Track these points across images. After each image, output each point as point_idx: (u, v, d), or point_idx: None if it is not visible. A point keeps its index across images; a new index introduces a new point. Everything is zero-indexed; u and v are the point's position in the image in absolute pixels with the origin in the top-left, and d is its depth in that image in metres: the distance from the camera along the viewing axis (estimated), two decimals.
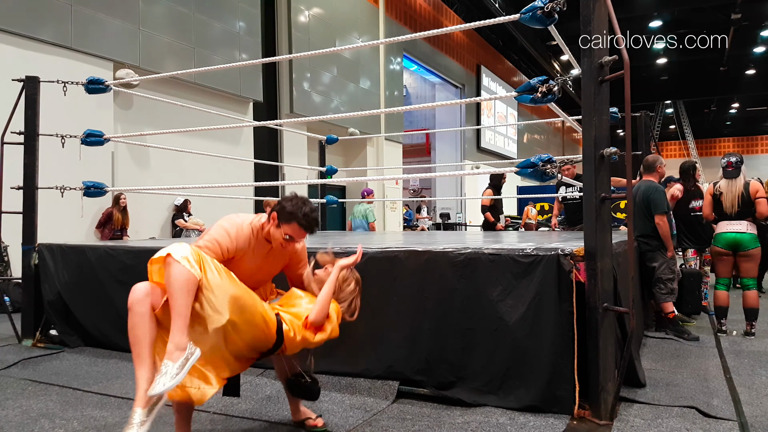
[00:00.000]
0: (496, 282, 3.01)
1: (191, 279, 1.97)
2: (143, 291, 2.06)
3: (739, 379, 3.49)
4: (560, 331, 2.84)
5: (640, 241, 4.93)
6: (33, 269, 4.62)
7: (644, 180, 5.03)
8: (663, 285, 4.83)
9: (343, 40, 13.38)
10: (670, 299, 4.84)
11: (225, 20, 10.06)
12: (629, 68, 2.78)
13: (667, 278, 4.84)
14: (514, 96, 3.28)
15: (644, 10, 19.51)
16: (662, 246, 4.85)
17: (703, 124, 37.81)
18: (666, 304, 4.82)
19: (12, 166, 4.85)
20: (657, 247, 4.87)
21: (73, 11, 7.55)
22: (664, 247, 4.85)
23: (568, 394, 2.81)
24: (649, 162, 5.10)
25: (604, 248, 2.87)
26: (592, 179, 2.87)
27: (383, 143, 14.91)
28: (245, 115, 10.66)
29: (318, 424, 2.69)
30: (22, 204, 4.71)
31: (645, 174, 5.08)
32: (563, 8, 3.09)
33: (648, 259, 4.93)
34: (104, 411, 2.99)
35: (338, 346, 3.34)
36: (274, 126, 10.67)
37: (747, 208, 4.77)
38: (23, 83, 4.76)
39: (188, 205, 8.92)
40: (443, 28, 11.46)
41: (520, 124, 25.44)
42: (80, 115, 7.02)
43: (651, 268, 4.92)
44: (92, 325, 4.38)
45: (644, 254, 4.96)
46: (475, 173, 5.58)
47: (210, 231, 2.40)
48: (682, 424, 2.72)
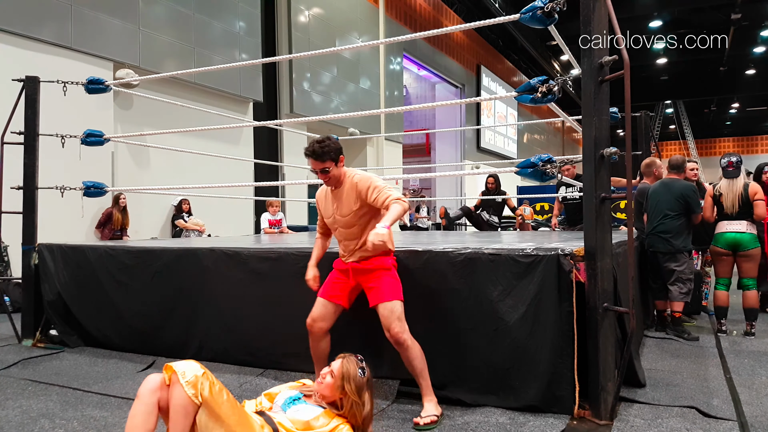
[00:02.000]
0: (496, 282, 3.01)
1: (189, 405, 1.98)
2: (155, 384, 2.05)
3: (739, 379, 3.49)
4: (560, 331, 2.84)
5: (660, 238, 4.82)
6: (33, 269, 4.62)
7: (674, 178, 4.95)
8: (683, 284, 4.79)
9: (343, 40, 13.39)
10: (686, 299, 4.83)
11: (225, 20, 10.06)
12: (629, 68, 2.78)
13: (687, 278, 4.82)
14: (514, 96, 3.29)
15: (644, 10, 19.51)
16: (686, 246, 4.81)
17: (703, 124, 37.83)
18: (679, 303, 4.81)
19: (12, 166, 4.86)
20: (680, 247, 4.79)
21: (73, 11, 7.55)
22: (688, 248, 4.82)
23: (568, 394, 2.81)
24: (679, 162, 5.01)
25: (604, 248, 2.87)
26: (592, 179, 2.87)
27: (383, 143, 14.91)
28: (245, 115, 10.66)
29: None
30: (22, 204, 4.71)
31: (672, 173, 5.00)
32: (563, 8, 3.10)
33: (669, 259, 4.81)
34: (104, 411, 2.99)
35: (338, 346, 3.35)
36: (274, 126, 10.67)
37: (746, 208, 4.77)
38: (23, 83, 4.77)
39: (183, 204, 8.88)
40: (443, 28, 11.45)
41: (520, 124, 25.45)
42: (80, 115, 7.02)
43: (666, 267, 4.82)
44: (92, 325, 4.38)
45: (664, 254, 4.82)
46: (475, 173, 5.59)
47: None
48: (682, 424, 2.72)
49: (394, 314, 2.83)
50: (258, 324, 3.74)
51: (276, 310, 3.65)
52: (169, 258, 4.11)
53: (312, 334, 3.04)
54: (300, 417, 2.30)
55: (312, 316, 3.03)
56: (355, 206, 2.93)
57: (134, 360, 4.00)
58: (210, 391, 2.01)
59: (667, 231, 4.79)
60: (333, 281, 3.08)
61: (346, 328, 3.16)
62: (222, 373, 3.65)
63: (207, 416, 1.99)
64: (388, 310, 2.84)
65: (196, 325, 3.98)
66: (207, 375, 2.05)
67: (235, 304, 3.83)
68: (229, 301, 3.85)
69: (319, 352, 3.08)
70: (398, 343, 2.82)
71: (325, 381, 2.40)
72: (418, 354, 2.86)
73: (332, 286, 3.06)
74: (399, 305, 2.87)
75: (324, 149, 2.85)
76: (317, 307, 3.03)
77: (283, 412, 2.34)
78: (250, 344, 3.76)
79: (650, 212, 4.93)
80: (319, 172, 2.89)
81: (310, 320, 3.03)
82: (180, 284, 4.05)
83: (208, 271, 3.94)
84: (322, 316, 3.01)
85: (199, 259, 3.99)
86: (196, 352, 3.94)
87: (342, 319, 3.10)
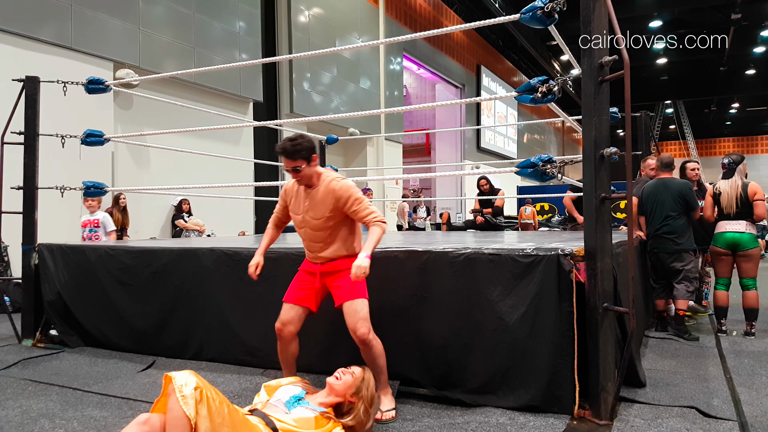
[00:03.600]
0: (496, 282, 3.01)
1: (182, 418, 1.97)
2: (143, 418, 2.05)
3: (739, 379, 3.49)
4: (560, 331, 2.84)
5: (666, 239, 4.82)
6: (33, 269, 4.62)
7: (669, 177, 4.96)
8: (689, 283, 4.80)
9: (343, 40, 13.39)
10: (691, 298, 4.86)
11: (225, 20, 10.06)
12: (629, 68, 2.78)
13: (693, 277, 4.84)
14: (514, 96, 3.29)
15: (644, 10, 19.50)
16: (691, 245, 4.82)
17: (703, 124, 37.82)
18: (685, 301, 4.81)
19: (12, 166, 4.85)
20: (686, 247, 4.79)
21: (73, 11, 7.55)
22: (693, 247, 4.84)
23: (568, 394, 2.81)
24: (670, 160, 5.07)
25: (604, 248, 2.87)
26: (592, 179, 2.87)
27: (383, 143, 14.91)
28: (245, 115, 10.66)
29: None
30: (22, 204, 4.71)
31: (664, 171, 5.01)
32: (563, 8, 3.10)
33: (675, 258, 4.80)
34: (104, 411, 2.99)
35: (338, 346, 3.35)
36: (274, 126, 10.67)
37: (746, 208, 4.77)
38: (23, 83, 4.76)
39: (183, 204, 8.88)
40: (443, 28, 11.46)
41: (520, 124, 25.45)
42: (80, 115, 7.02)
43: (673, 267, 4.81)
44: (92, 325, 4.38)
45: (670, 254, 4.81)
46: (475, 173, 5.58)
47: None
48: (682, 424, 2.72)
49: (358, 314, 2.85)
50: (258, 324, 3.73)
51: (276, 310, 3.64)
52: (169, 258, 4.11)
53: (281, 339, 3.01)
54: (303, 417, 2.31)
55: (281, 320, 3.00)
56: (329, 213, 2.92)
57: (134, 360, 4.00)
58: (209, 409, 1.99)
59: (673, 231, 4.79)
60: (299, 284, 3.06)
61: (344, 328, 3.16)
62: (222, 373, 3.65)
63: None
64: (353, 311, 2.85)
65: (196, 325, 3.97)
66: (207, 391, 2.02)
67: (235, 304, 3.83)
68: (229, 301, 3.85)
69: (288, 355, 3.06)
70: (363, 342, 2.84)
71: (343, 378, 2.40)
72: (381, 352, 2.89)
73: (298, 290, 3.04)
74: (363, 304, 2.88)
75: (296, 147, 2.84)
76: (285, 311, 3.01)
77: (287, 410, 2.34)
78: (250, 344, 3.76)
79: (650, 214, 4.93)
80: (290, 170, 2.90)
81: (279, 324, 3.00)
82: (180, 284, 4.05)
83: (208, 271, 3.93)
84: (290, 320, 2.99)
85: (199, 259, 3.99)
86: (196, 352, 3.95)
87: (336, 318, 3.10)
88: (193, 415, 1.95)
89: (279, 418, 2.27)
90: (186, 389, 1.98)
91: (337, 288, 2.94)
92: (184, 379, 2.02)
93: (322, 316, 3.12)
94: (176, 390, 1.98)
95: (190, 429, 1.95)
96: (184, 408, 1.94)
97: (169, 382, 2.01)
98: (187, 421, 1.95)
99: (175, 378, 2.01)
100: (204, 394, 2.01)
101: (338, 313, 2.97)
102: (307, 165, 2.90)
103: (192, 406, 1.95)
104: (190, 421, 1.95)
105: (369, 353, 2.86)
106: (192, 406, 1.95)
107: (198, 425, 1.95)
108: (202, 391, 2.01)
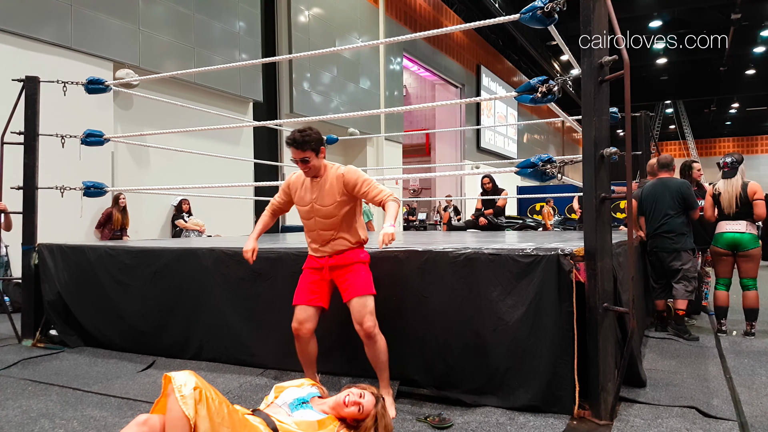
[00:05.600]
0: (496, 282, 3.01)
1: (181, 418, 1.96)
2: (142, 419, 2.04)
3: (739, 379, 3.49)
4: (560, 331, 2.84)
5: (665, 238, 4.82)
6: (33, 269, 4.62)
7: (669, 177, 4.97)
8: (688, 282, 4.80)
9: (343, 40, 13.38)
10: (690, 297, 4.85)
11: (225, 20, 10.05)
12: (629, 68, 2.79)
13: (692, 276, 4.84)
14: (514, 96, 3.29)
15: (644, 10, 19.51)
16: (690, 245, 4.82)
17: (703, 124, 37.83)
18: (684, 301, 4.82)
19: (12, 166, 4.86)
20: (685, 246, 4.80)
21: (73, 11, 7.54)
22: (692, 246, 4.84)
23: (568, 394, 2.81)
24: (669, 160, 5.08)
25: (604, 248, 2.87)
26: (592, 179, 2.87)
27: (383, 143, 14.91)
28: (245, 115, 10.66)
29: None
30: (22, 204, 4.71)
31: (663, 171, 5.02)
32: (563, 8, 3.10)
33: (674, 258, 4.80)
34: (104, 411, 2.99)
35: (338, 346, 3.35)
36: (274, 126, 10.67)
37: (746, 208, 4.77)
38: (23, 83, 4.77)
39: (183, 204, 8.88)
40: (443, 28, 11.45)
41: (520, 124, 25.45)
42: (80, 115, 7.02)
43: (672, 266, 4.81)
44: (92, 325, 4.38)
45: (669, 253, 4.81)
46: (475, 173, 5.59)
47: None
48: (682, 424, 2.72)
49: (366, 308, 2.89)
50: (258, 324, 3.74)
51: (276, 310, 3.65)
52: (169, 258, 4.11)
53: (299, 338, 3.03)
54: (305, 420, 2.30)
55: (297, 319, 3.01)
56: (340, 198, 2.95)
57: (134, 360, 4.00)
58: (208, 409, 1.98)
59: (672, 230, 4.80)
60: (308, 284, 3.06)
61: (345, 328, 3.16)
62: (222, 373, 3.65)
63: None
64: (361, 305, 2.89)
65: (196, 325, 3.97)
66: (206, 391, 2.02)
67: (235, 304, 3.83)
68: (229, 301, 3.85)
69: (308, 355, 3.08)
70: (368, 336, 2.88)
71: (348, 409, 2.34)
72: (385, 349, 2.93)
73: (308, 290, 3.04)
74: (371, 300, 2.93)
75: (305, 138, 2.88)
76: (299, 311, 3.02)
77: (290, 412, 2.34)
78: (250, 344, 3.76)
79: (649, 213, 4.93)
80: (299, 161, 2.93)
81: (296, 324, 3.01)
82: (180, 284, 4.05)
83: (208, 271, 3.93)
84: (307, 318, 3.00)
85: (199, 259, 3.99)
86: (196, 352, 3.95)
87: (336, 319, 3.10)
88: (193, 415, 1.95)
89: (280, 419, 2.27)
90: (185, 389, 1.98)
91: (346, 284, 2.96)
92: (184, 379, 2.01)
93: (322, 316, 3.12)
94: (175, 390, 1.97)
95: (190, 429, 1.94)
96: (184, 408, 1.94)
97: (169, 382, 2.01)
98: (187, 421, 1.94)
99: (174, 378, 2.00)
100: (203, 394, 2.00)
101: (338, 314, 2.97)
102: (315, 156, 2.93)
103: (191, 406, 1.95)
104: (189, 421, 1.94)
105: (373, 348, 2.89)
106: (191, 406, 1.95)
107: (197, 425, 1.94)
108: (202, 391, 2.01)
